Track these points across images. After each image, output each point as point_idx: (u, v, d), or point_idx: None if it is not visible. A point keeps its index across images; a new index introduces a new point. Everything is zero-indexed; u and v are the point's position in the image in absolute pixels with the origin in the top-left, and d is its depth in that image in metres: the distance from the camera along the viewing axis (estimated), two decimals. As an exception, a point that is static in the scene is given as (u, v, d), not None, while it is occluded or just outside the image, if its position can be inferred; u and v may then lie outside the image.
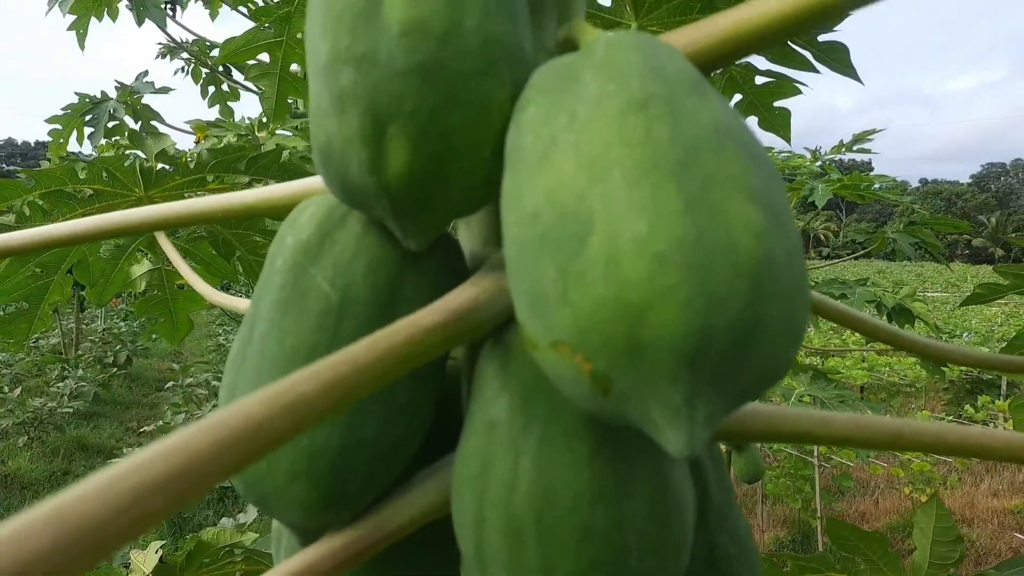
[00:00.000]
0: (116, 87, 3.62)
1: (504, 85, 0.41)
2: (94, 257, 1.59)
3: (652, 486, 0.40)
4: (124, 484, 0.19)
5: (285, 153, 1.47)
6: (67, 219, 1.46)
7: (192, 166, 1.44)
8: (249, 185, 1.53)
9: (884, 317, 2.91)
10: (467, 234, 0.54)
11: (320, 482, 0.44)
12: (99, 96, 3.53)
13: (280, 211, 0.60)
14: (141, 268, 1.64)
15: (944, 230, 3.19)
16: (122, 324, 12.18)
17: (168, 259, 1.68)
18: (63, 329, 10.58)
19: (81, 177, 1.42)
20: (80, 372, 8.69)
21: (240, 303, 1.04)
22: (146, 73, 3.82)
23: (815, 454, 4.70)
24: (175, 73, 4.19)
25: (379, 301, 0.46)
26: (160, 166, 1.45)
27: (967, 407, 7.34)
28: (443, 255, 0.50)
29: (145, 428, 7.04)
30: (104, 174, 1.42)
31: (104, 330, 11.36)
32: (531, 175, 0.35)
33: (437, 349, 0.37)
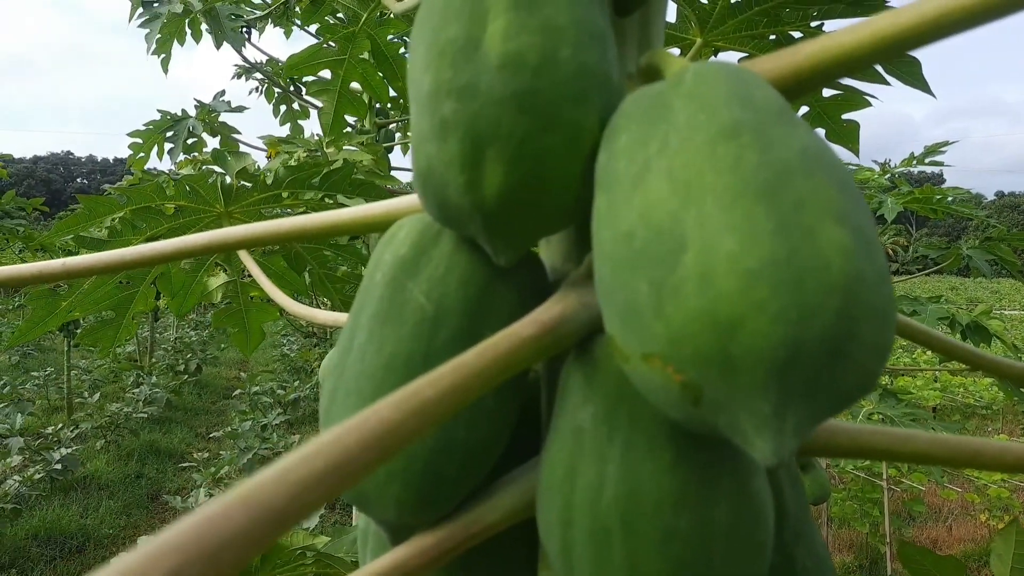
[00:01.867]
0: (196, 106, 3.80)
1: (594, 112, 0.43)
2: (176, 270, 1.68)
3: (733, 493, 0.42)
4: (294, 475, 0.23)
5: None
6: (154, 233, 1.55)
7: (269, 183, 1.52)
8: (322, 200, 1.59)
9: (958, 335, 2.82)
10: (548, 252, 0.56)
11: (414, 482, 0.47)
12: (180, 114, 3.71)
13: (371, 229, 0.64)
14: (218, 280, 1.73)
15: (1023, 246, 3.07)
16: (192, 333, 12.63)
17: (242, 271, 1.76)
18: (138, 338, 11.02)
19: (168, 194, 1.50)
20: (154, 379, 9.04)
21: (316, 313, 1.09)
22: (223, 93, 4.00)
23: (884, 476, 4.55)
24: (249, 93, 4.37)
25: (470, 312, 0.49)
26: (240, 183, 1.52)
27: None
28: (528, 271, 0.52)
29: (214, 434, 7.28)
30: (189, 191, 1.50)
31: (176, 339, 11.79)
32: (626, 197, 0.37)
33: (532, 359, 0.40)
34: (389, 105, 3.03)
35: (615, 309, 0.36)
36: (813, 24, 0.91)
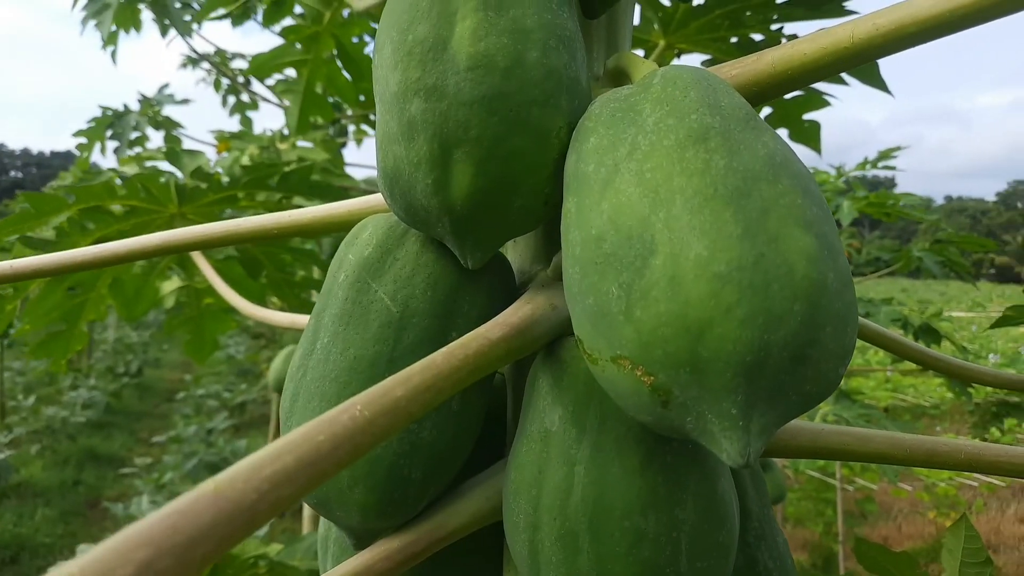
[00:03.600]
0: (139, 100, 3.70)
1: (563, 114, 0.44)
2: (128, 275, 1.63)
3: (700, 494, 0.43)
4: (265, 471, 0.22)
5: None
6: (104, 234, 1.50)
7: (225, 183, 1.48)
8: (279, 202, 1.57)
9: (911, 336, 2.92)
10: (515, 253, 0.57)
11: (379, 486, 0.47)
12: (122, 109, 3.61)
13: (333, 229, 0.63)
14: (171, 285, 1.68)
15: (971, 249, 3.19)
16: (134, 334, 12.27)
17: (196, 276, 1.72)
18: (76, 339, 10.64)
19: (119, 193, 1.46)
20: (92, 382, 8.75)
21: (273, 315, 1.07)
22: (167, 86, 3.90)
23: (837, 476, 4.67)
24: (196, 84, 4.29)
25: (436, 314, 0.49)
26: (194, 183, 1.49)
27: (993, 430, 7.30)
28: (495, 272, 0.52)
29: (156, 438, 7.08)
30: (141, 191, 1.46)
31: (116, 340, 11.44)
32: (595, 200, 0.37)
33: (501, 361, 0.40)
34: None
35: (584, 312, 0.37)
36: (774, 27, 0.93)
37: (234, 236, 0.67)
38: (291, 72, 1.91)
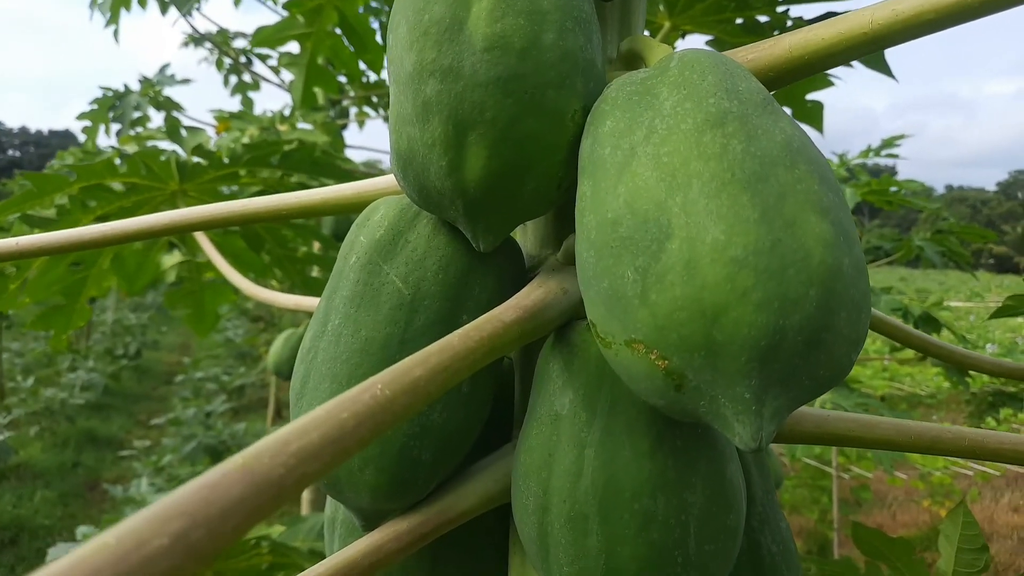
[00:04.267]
0: (140, 80, 3.69)
1: (578, 97, 0.44)
2: (129, 250, 1.63)
3: (709, 478, 0.43)
4: (292, 447, 0.22)
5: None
6: (105, 212, 1.49)
7: (226, 161, 1.48)
8: (280, 180, 1.56)
9: (912, 325, 2.92)
10: (525, 238, 0.57)
11: (389, 467, 0.47)
12: (123, 89, 3.59)
13: (342, 210, 0.63)
14: (172, 259, 1.68)
15: (972, 240, 3.19)
16: (132, 316, 12.27)
17: (198, 251, 1.71)
18: (75, 320, 10.64)
19: (120, 171, 1.46)
20: (91, 363, 8.76)
21: (277, 296, 1.07)
22: (168, 66, 3.88)
23: (833, 464, 4.70)
24: (199, 63, 4.27)
25: (448, 297, 0.49)
26: (195, 160, 1.48)
27: (988, 419, 7.36)
28: (506, 256, 0.52)
29: (155, 421, 7.10)
30: (142, 168, 1.45)
31: (115, 321, 11.44)
32: (611, 183, 0.37)
33: (514, 344, 0.40)
34: (345, 79, 2.99)
35: (599, 295, 0.37)
36: (780, 9, 0.93)
37: (240, 217, 0.67)
38: (295, 48, 1.89)
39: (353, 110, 3.82)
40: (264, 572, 1.52)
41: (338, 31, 1.79)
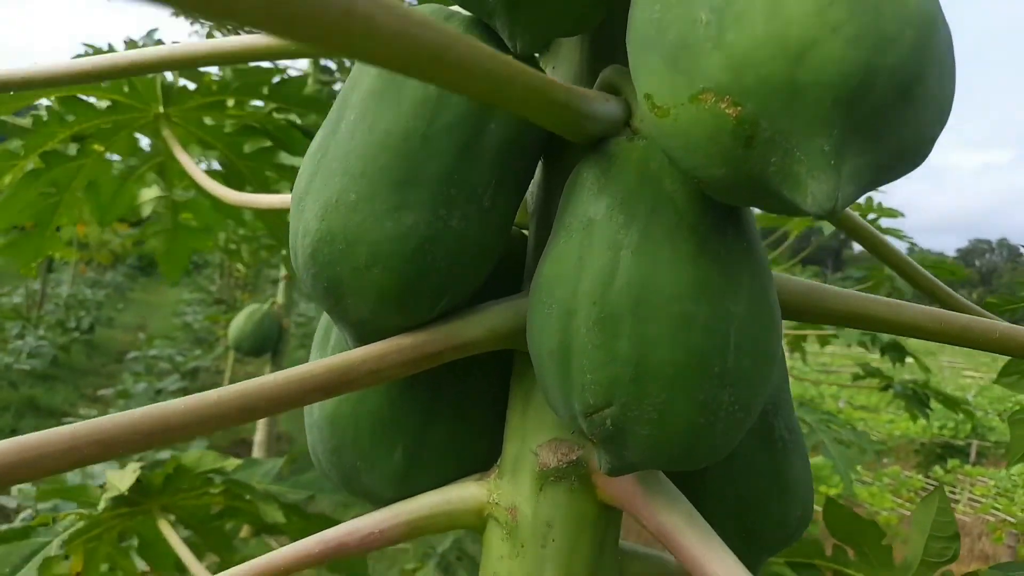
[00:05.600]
0: (125, 41, 3.61)
1: None
2: (105, 177, 1.58)
3: (752, 291, 0.41)
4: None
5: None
6: (82, 129, 1.44)
7: (215, 88, 1.44)
8: (269, 115, 1.52)
9: (878, 352, 2.97)
10: (554, 75, 0.55)
11: (400, 268, 0.44)
12: (106, 48, 3.51)
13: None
14: (150, 193, 1.63)
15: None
16: (88, 291, 11.96)
17: (175, 187, 1.66)
18: (27, 289, 10.36)
19: (103, 85, 1.41)
20: (41, 332, 8.50)
21: (259, 198, 1.04)
22: (156, 30, 3.81)
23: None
24: (189, 36, 4.20)
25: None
26: (182, 82, 1.44)
27: (936, 468, 7.61)
28: (538, 68, 0.51)
29: (103, 392, 6.90)
30: (125, 84, 1.41)
31: (69, 295, 11.13)
32: None
33: (562, 123, 0.38)
34: None
35: (661, 53, 0.34)
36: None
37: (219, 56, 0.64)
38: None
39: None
40: (214, 517, 1.47)
41: None
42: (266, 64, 1.38)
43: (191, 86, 1.42)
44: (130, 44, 3.91)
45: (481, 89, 0.30)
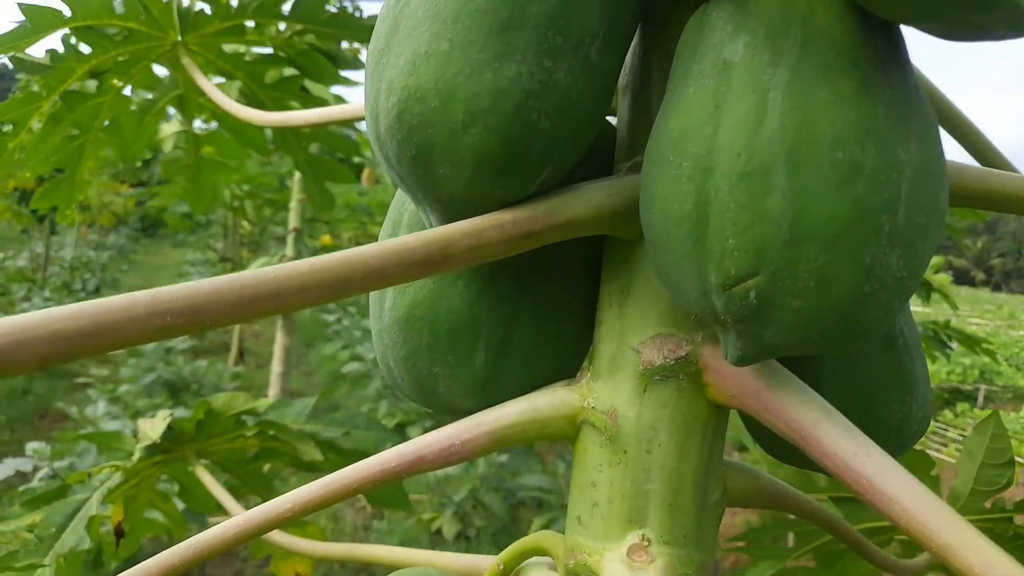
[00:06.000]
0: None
1: None
2: (125, 115, 1.53)
3: (923, 137, 0.36)
4: None
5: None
6: (99, 63, 1.39)
7: (233, 10, 1.37)
8: (290, 39, 1.46)
9: None
10: None
11: (501, 127, 0.39)
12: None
13: None
14: (170, 128, 1.57)
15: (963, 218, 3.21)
16: (92, 253, 11.92)
17: (194, 122, 1.61)
18: (31, 252, 10.33)
19: (118, 14, 1.35)
20: (47, 294, 8.50)
21: (289, 115, 0.99)
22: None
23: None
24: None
25: None
26: (199, 7, 1.37)
27: (946, 412, 7.66)
28: None
29: (113, 352, 6.90)
30: (141, 11, 1.34)
31: (73, 257, 11.11)
32: None
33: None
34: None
35: None
36: None
37: None
38: None
39: None
40: (250, 460, 1.44)
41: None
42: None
43: (208, 10, 1.36)
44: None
45: None
